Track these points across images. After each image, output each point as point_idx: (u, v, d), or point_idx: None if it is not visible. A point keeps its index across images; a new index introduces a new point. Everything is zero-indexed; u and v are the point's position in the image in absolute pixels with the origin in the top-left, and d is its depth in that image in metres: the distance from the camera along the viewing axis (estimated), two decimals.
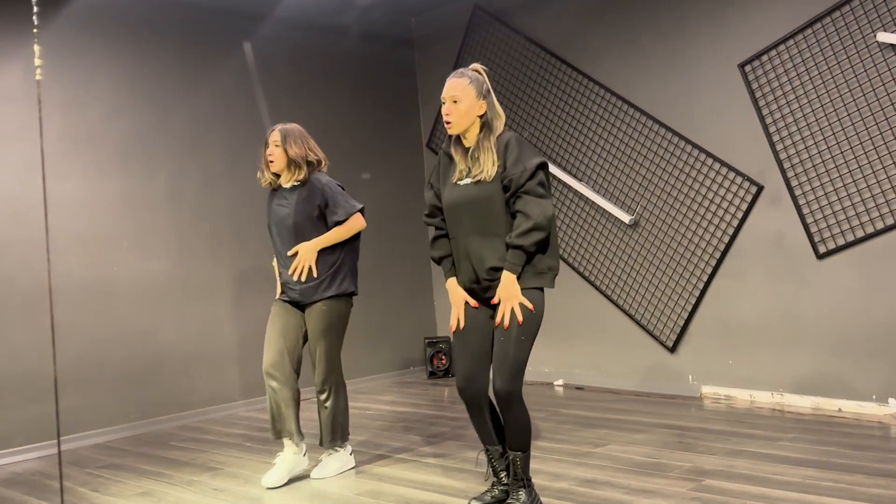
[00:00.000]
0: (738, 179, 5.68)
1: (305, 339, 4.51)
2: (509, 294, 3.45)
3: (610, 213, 6.36)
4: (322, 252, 4.41)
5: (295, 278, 4.39)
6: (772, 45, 5.44)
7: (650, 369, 6.27)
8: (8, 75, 5.47)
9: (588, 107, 6.48)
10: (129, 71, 6.05)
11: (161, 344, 6.06)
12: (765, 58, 5.50)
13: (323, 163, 4.52)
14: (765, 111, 5.53)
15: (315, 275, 4.38)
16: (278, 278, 4.56)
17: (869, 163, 5.10)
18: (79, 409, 5.63)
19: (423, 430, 5.43)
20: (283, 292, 4.54)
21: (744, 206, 5.66)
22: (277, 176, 4.50)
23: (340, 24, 7.23)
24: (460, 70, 3.61)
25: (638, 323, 6.30)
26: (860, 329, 5.20)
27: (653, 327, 6.22)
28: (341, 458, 4.55)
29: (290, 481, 4.39)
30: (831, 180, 5.25)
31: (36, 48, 5.50)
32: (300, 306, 4.50)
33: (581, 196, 6.54)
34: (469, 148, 3.57)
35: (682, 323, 6.04)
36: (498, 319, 3.48)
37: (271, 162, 4.44)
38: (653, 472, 4.16)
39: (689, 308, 5.99)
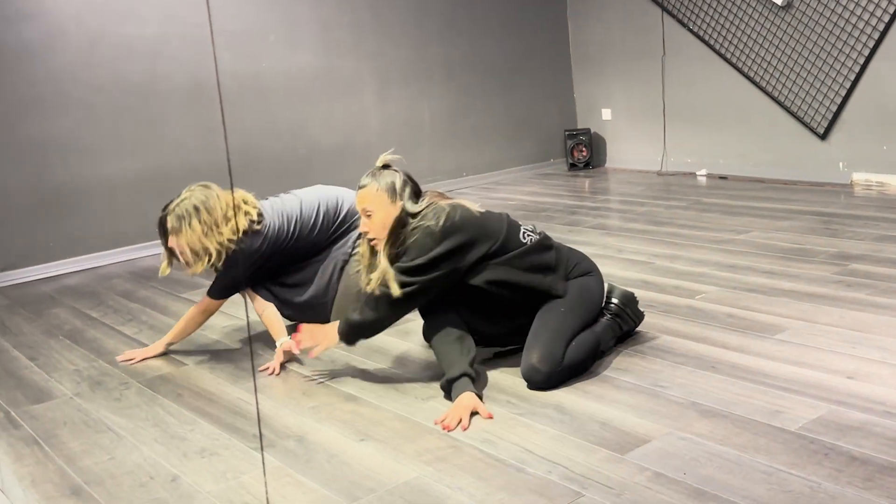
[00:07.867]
0: None
1: None
2: None
3: None
4: None
5: None
6: None
7: (798, 157, 6.11)
8: None
9: None
10: None
11: (311, 137, 6.26)
12: None
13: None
14: None
15: None
16: None
17: None
18: None
19: (563, 218, 5.53)
20: None
21: None
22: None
23: None
24: None
25: (787, 109, 6.09)
26: None
27: (803, 114, 6.00)
28: None
29: None
30: None
31: None
32: None
33: None
34: None
35: (834, 108, 5.81)
36: None
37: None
38: (796, 257, 4.16)
39: (843, 93, 5.73)
